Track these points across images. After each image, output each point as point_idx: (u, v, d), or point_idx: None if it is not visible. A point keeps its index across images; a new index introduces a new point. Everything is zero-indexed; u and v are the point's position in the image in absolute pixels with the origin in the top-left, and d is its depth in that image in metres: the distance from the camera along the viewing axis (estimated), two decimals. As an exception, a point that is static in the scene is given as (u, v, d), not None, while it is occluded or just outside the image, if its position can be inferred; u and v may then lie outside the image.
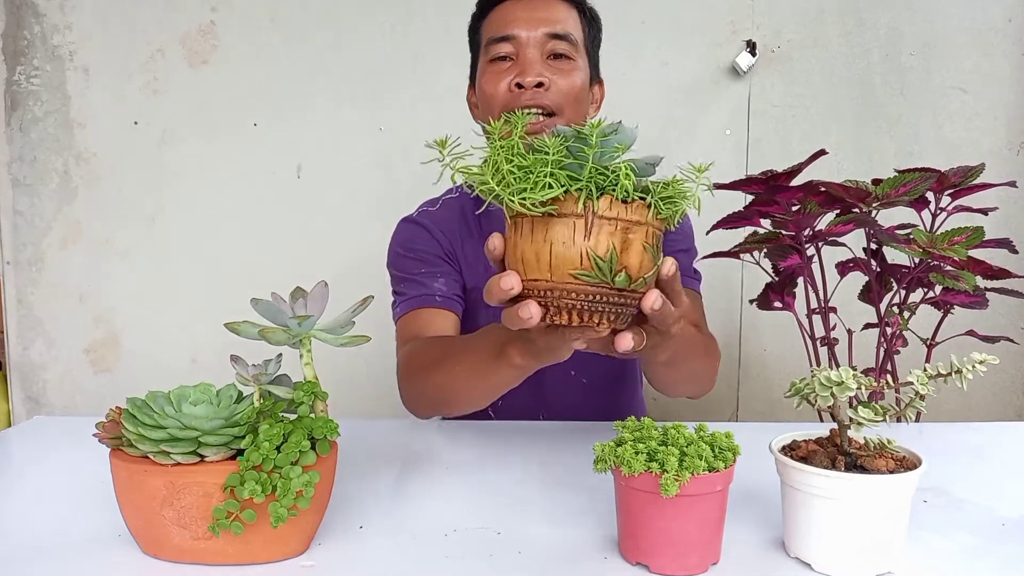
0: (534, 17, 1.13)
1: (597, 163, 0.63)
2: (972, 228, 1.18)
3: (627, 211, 0.64)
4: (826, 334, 1.29)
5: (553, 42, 1.13)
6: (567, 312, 0.65)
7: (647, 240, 0.65)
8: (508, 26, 1.14)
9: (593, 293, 0.64)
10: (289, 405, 0.72)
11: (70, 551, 0.73)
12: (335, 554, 0.72)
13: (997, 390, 2.03)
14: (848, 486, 0.66)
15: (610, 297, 0.65)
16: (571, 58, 1.14)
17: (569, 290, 0.64)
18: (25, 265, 2.04)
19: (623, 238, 0.63)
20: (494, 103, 1.14)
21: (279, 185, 2.01)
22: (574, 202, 0.63)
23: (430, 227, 1.24)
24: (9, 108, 2.00)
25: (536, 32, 1.12)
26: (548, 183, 0.62)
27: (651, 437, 0.70)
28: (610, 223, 0.63)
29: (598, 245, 0.63)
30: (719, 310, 2.01)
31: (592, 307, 0.65)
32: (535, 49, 1.12)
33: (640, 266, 0.64)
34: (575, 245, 0.63)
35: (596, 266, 0.63)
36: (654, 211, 0.65)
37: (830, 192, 1.16)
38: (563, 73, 1.13)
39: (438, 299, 1.16)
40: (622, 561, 0.70)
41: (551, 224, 0.64)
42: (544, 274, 0.65)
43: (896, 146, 1.95)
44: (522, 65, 1.12)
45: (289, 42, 1.98)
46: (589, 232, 0.63)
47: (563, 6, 1.16)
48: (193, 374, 1.82)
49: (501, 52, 1.14)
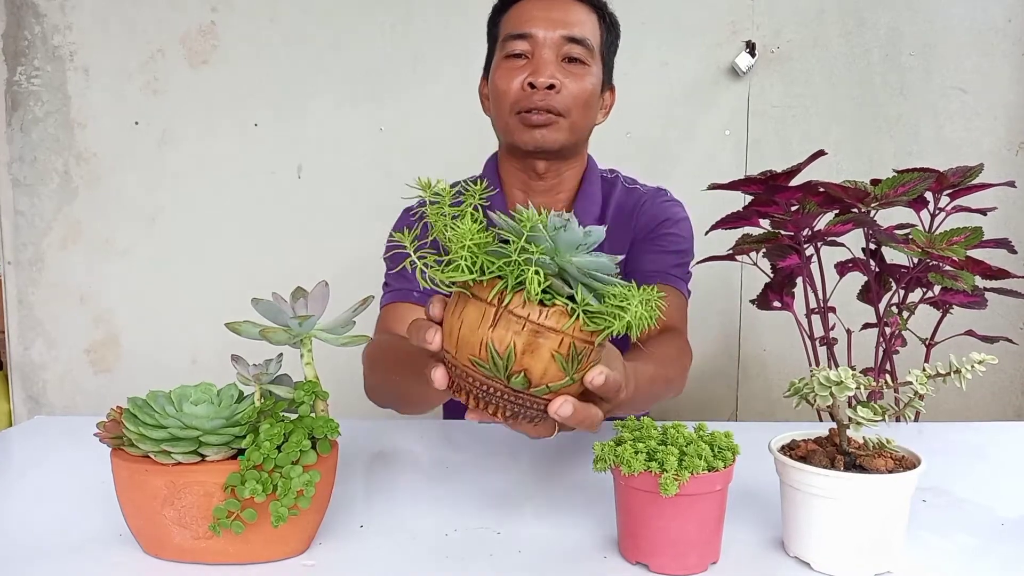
0: (553, 18, 1.13)
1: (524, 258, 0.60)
2: (971, 228, 1.18)
3: (541, 314, 0.60)
4: (825, 334, 1.29)
5: (569, 45, 1.13)
6: (465, 393, 0.64)
7: (559, 349, 0.60)
8: (526, 24, 1.14)
9: (488, 385, 0.62)
10: (290, 405, 0.72)
11: (70, 551, 0.73)
12: (335, 553, 0.72)
13: (996, 390, 2.03)
14: (847, 486, 0.66)
15: (506, 394, 0.62)
16: (585, 63, 1.15)
17: (467, 373, 0.63)
18: (25, 265, 2.04)
19: (529, 340, 0.60)
20: (505, 100, 1.15)
21: (279, 185, 2.02)
22: (489, 288, 0.61)
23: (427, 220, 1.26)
24: (10, 108, 2.00)
25: (554, 33, 1.13)
26: (460, 265, 0.61)
27: (650, 436, 0.70)
28: (518, 321, 0.60)
29: (500, 340, 0.60)
30: (719, 310, 2.01)
31: (488, 397, 0.63)
32: (551, 50, 1.13)
33: (544, 374, 0.61)
34: (479, 332, 0.61)
35: (492, 360, 0.60)
36: (576, 322, 0.60)
37: (829, 192, 1.16)
38: (576, 77, 1.14)
39: (415, 295, 1.19)
40: (622, 560, 0.71)
41: (467, 304, 0.62)
42: (452, 348, 0.63)
43: (896, 146, 1.95)
44: (536, 65, 1.13)
45: (289, 42, 1.98)
46: (495, 323, 0.60)
47: (584, 9, 1.16)
48: (193, 374, 1.82)
49: (517, 49, 1.14)
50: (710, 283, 1.87)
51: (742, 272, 1.97)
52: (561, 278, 0.61)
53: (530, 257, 0.59)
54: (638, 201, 1.26)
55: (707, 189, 1.27)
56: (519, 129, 1.15)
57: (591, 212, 1.23)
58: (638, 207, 1.25)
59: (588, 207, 1.23)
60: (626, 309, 0.61)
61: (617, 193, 1.27)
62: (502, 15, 1.19)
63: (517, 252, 0.60)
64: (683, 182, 1.91)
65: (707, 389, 2.05)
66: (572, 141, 1.17)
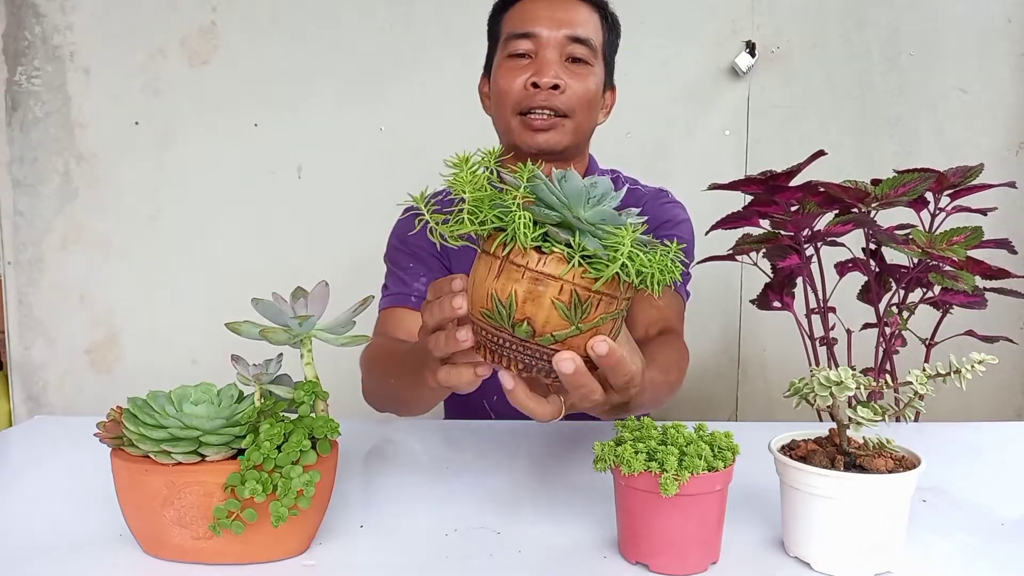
0: (557, 17, 1.13)
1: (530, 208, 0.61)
2: (971, 228, 1.18)
3: (539, 262, 0.60)
4: (825, 334, 1.29)
5: (572, 45, 1.13)
6: (481, 347, 0.65)
7: (559, 297, 0.60)
8: (530, 23, 1.14)
9: (498, 336, 0.63)
10: (290, 405, 0.72)
11: (70, 551, 0.73)
12: (336, 553, 0.72)
13: (997, 390, 2.03)
14: (847, 486, 0.66)
15: (514, 345, 0.63)
16: (588, 63, 1.15)
17: (480, 327, 0.64)
18: (26, 265, 2.04)
19: (529, 288, 0.60)
20: (507, 99, 1.14)
21: (279, 185, 2.02)
22: (493, 240, 0.62)
23: None
24: (10, 108, 2.00)
25: (557, 33, 1.12)
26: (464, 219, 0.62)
27: (651, 436, 0.70)
28: (517, 270, 0.61)
29: (502, 290, 0.61)
30: (719, 310, 2.01)
31: (500, 350, 0.64)
32: (554, 50, 1.13)
33: (547, 322, 0.61)
34: (486, 283, 0.62)
35: (496, 310, 0.61)
36: (574, 269, 0.60)
37: (829, 192, 1.16)
38: (579, 77, 1.13)
39: (413, 300, 1.19)
40: (622, 560, 0.71)
41: (480, 259, 0.64)
42: (470, 303, 0.65)
43: (896, 146, 1.95)
44: (540, 65, 1.12)
45: (289, 42, 1.98)
46: (499, 274, 0.61)
47: (586, 9, 1.16)
48: (193, 374, 1.82)
49: (520, 49, 1.14)
50: (710, 283, 1.87)
51: (742, 272, 1.97)
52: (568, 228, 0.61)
53: (519, 202, 0.60)
54: (639, 202, 1.26)
55: (707, 189, 1.27)
56: (521, 131, 1.14)
57: None
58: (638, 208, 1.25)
59: None
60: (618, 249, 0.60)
61: None
62: (504, 13, 1.19)
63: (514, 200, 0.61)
64: (683, 182, 1.91)
65: (707, 389, 2.05)
66: (575, 142, 1.17)
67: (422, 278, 1.21)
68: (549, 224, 0.61)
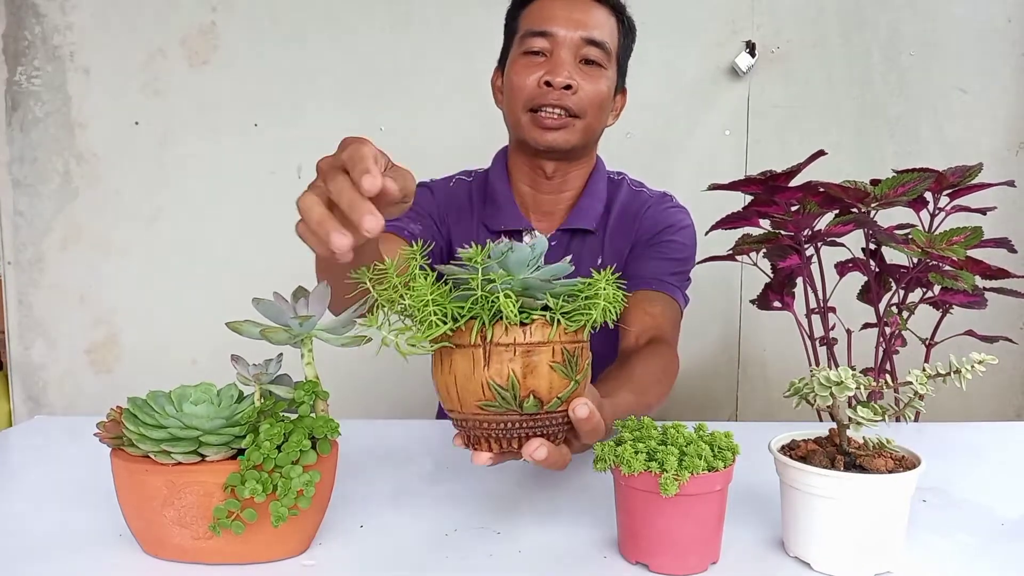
0: (574, 18, 1.14)
1: (489, 289, 0.61)
2: (971, 228, 1.18)
3: (525, 334, 0.61)
4: (825, 334, 1.29)
5: (587, 47, 1.14)
6: (485, 440, 0.64)
7: (554, 359, 0.62)
8: (547, 22, 1.14)
9: (505, 421, 0.63)
10: (290, 405, 0.72)
11: (70, 551, 0.73)
12: (335, 553, 0.72)
13: (997, 390, 2.03)
14: (847, 486, 0.66)
15: (524, 423, 0.63)
16: (602, 66, 1.16)
17: (480, 420, 0.63)
18: (26, 265, 2.04)
19: (525, 362, 0.61)
20: (519, 95, 1.15)
21: (279, 185, 2.01)
22: (469, 332, 0.61)
23: (435, 191, 1.29)
24: (10, 108, 2.00)
25: (574, 33, 1.13)
26: (433, 321, 0.61)
27: (650, 436, 0.70)
28: (507, 349, 0.61)
29: (499, 374, 0.61)
30: (719, 310, 2.01)
31: (509, 434, 0.63)
32: (569, 51, 1.14)
33: (551, 387, 0.62)
34: (475, 376, 0.61)
35: (499, 396, 0.61)
36: (559, 328, 0.62)
37: (829, 192, 1.16)
38: (591, 79, 1.14)
39: (406, 233, 1.20)
40: (622, 560, 0.71)
41: (453, 355, 0.63)
42: (456, 405, 0.64)
43: (896, 146, 1.95)
44: (554, 64, 1.13)
45: (289, 42, 1.98)
46: (488, 362, 0.61)
47: (604, 12, 1.17)
48: (193, 374, 1.81)
49: (535, 47, 1.15)
50: (710, 283, 1.87)
51: (742, 272, 1.97)
52: (527, 296, 0.63)
53: (495, 286, 0.60)
54: (642, 205, 1.26)
55: (707, 189, 1.27)
56: (531, 127, 1.15)
57: (594, 210, 1.24)
58: (641, 211, 1.25)
59: (592, 204, 1.24)
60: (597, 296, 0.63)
61: (622, 195, 1.27)
62: (522, 9, 1.20)
63: (480, 285, 0.61)
64: (683, 182, 1.91)
65: (707, 389, 2.05)
66: (583, 142, 1.18)
67: (418, 224, 1.22)
68: (519, 295, 0.61)
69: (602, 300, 0.63)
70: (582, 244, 1.24)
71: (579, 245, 1.24)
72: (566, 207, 1.25)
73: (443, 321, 0.61)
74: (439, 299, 0.62)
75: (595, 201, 1.24)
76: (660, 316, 1.15)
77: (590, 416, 0.65)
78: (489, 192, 1.27)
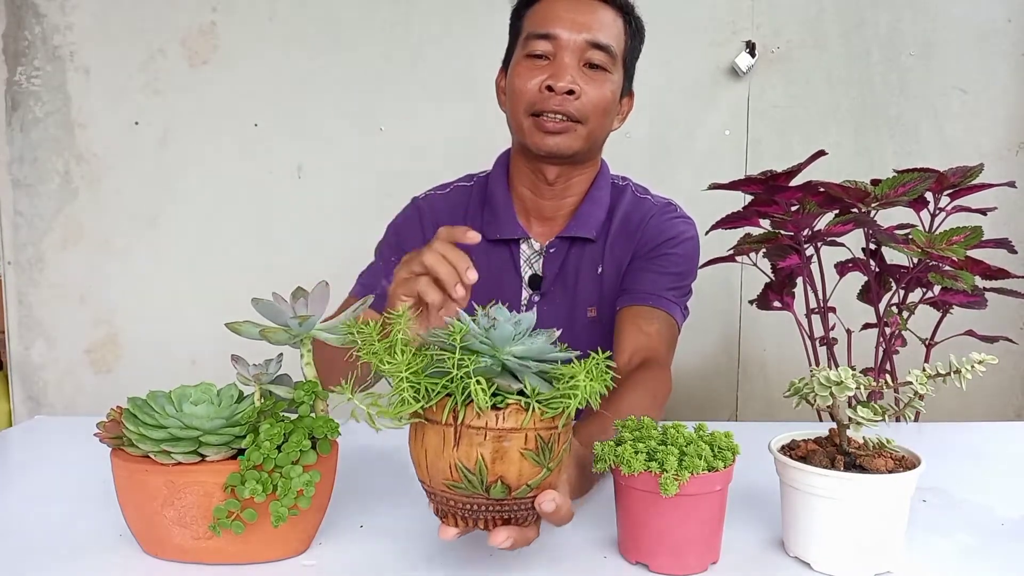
0: (579, 21, 1.11)
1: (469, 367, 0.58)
2: (970, 228, 1.17)
3: (498, 419, 0.59)
4: (825, 334, 1.29)
5: (592, 51, 1.11)
6: (452, 516, 0.63)
7: (526, 447, 0.60)
8: (551, 24, 1.12)
9: (470, 503, 0.61)
10: (290, 405, 0.72)
11: (70, 551, 0.73)
12: (336, 553, 0.72)
13: (997, 390, 2.03)
14: (847, 486, 0.66)
15: (490, 506, 0.61)
16: (607, 70, 1.13)
17: (447, 497, 0.62)
18: (26, 265, 2.04)
19: (495, 447, 0.59)
20: (521, 99, 1.13)
21: (279, 185, 2.01)
22: (441, 409, 0.60)
23: (424, 217, 1.27)
24: (10, 108, 2.00)
25: (578, 36, 1.11)
26: (404, 398, 0.59)
27: (650, 437, 0.70)
28: (478, 433, 0.59)
29: (467, 457, 0.59)
30: (719, 310, 2.01)
31: (474, 514, 0.62)
32: (573, 55, 1.11)
33: (520, 474, 0.60)
34: (444, 455, 0.60)
35: (466, 479, 0.59)
36: (534, 415, 0.59)
37: (829, 192, 1.16)
38: (595, 83, 1.12)
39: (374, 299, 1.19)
40: (622, 561, 0.71)
41: (425, 429, 0.61)
42: (425, 477, 0.63)
43: (896, 146, 1.95)
44: (556, 68, 1.11)
45: (289, 42, 1.98)
46: (457, 442, 0.59)
47: (610, 13, 1.14)
48: (193, 374, 1.82)
49: (538, 50, 1.12)
50: (710, 283, 1.86)
51: (742, 272, 1.97)
52: (508, 372, 0.61)
53: (468, 370, 0.58)
54: (645, 214, 1.23)
55: (707, 189, 1.27)
56: (533, 132, 1.13)
57: (596, 218, 1.21)
58: (644, 221, 1.23)
59: (594, 212, 1.21)
60: (576, 387, 0.60)
61: (625, 202, 1.24)
62: (527, 9, 1.17)
63: (456, 365, 0.59)
64: (683, 182, 1.92)
65: (707, 389, 2.05)
66: (586, 148, 1.15)
67: None
68: (495, 377, 0.60)
69: (582, 393, 0.60)
70: (582, 252, 1.22)
71: (579, 253, 1.22)
72: (567, 213, 1.23)
73: (415, 399, 0.60)
74: (414, 376, 0.60)
75: (597, 208, 1.21)
76: (655, 335, 1.12)
77: (556, 511, 0.63)
78: (488, 198, 1.25)
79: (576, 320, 1.22)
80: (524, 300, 1.23)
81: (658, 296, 1.16)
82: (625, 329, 1.13)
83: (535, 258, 1.22)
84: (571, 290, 1.22)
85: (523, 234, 1.22)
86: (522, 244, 1.23)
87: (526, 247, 1.23)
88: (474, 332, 0.61)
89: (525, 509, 0.63)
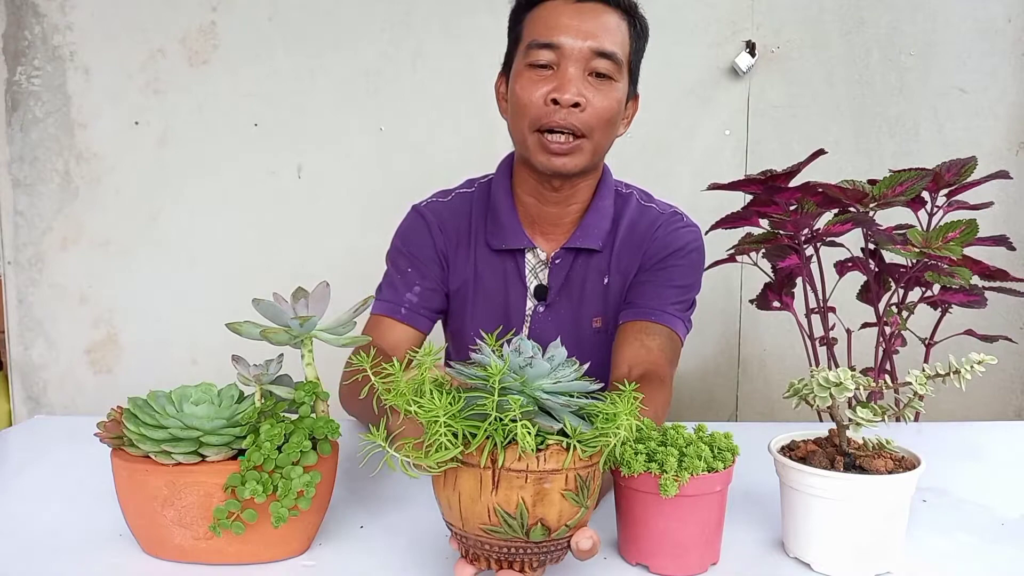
0: (584, 28, 1.07)
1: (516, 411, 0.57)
2: (966, 221, 1.16)
3: (539, 461, 0.57)
4: (825, 334, 1.29)
5: (597, 60, 1.07)
6: (485, 559, 0.62)
7: (567, 487, 0.58)
8: (554, 32, 1.07)
9: (508, 546, 0.60)
10: (290, 405, 0.72)
11: (70, 551, 0.73)
12: (336, 554, 0.73)
13: (996, 390, 2.03)
14: (847, 486, 0.66)
15: (528, 548, 0.60)
16: (612, 78, 1.09)
17: (483, 541, 0.60)
18: (26, 265, 2.04)
19: (536, 490, 0.57)
20: (525, 113, 1.08)
21: (279, 185, 2.01)
22: (479, 453, 0.58)
23: (431, 223, 1.23)
24: (10, 108, 2.00)
25: (583, 45, 1.06)
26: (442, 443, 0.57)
27: (650, 438, 0.70)
28: (519, 476, 0.57)
29: (507, 502, 0.57)
30: (719, 310, 2.01)
31: (511, 557, 0.60)
32: (577, 65, 1.06)
33: (560, 515, 0.59)
34: (482, 499, 0.58)
35: (506, 523, 0.58)
36: (574, 455, 0.58)
37: (827, 192, 1.16)
38: (601, 93, 1.08)
39: (403, 311, 1.17)
40: (622, 561, 0.71)
41: (460, 473, 0.59)
42: (458, 522, 0.61)
43: (896, 146, 1.95)
44: (561, 79, 1.06)
45: (289, 42, 1.98)
46: (496, 486, 0.57)
47: (615, 17, 1.10)
48: (193, 374, 1.82)
49: (542, 60, 1.08)
50: (710, 283, 1.85)
51: (742, 272, 1.97)
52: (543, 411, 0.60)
53: (516, 414, 0.57)
54: (652, 224, 1.21)
55: (707, 189, 1.27)
56: (538, 151, 1.09)
57: (600, 228, 1.19)
58: (650, 231, 1.20)
59: (598, 222, 1.19)
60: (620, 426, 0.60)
61: (630, 211, 1.22)
62: (526, 13, 1.12)
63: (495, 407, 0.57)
64: (683, 182, 1.92)
65: (707, 389, 2.05)
66: (592, 163, 1.13)
67: (415, 287, 1.19)
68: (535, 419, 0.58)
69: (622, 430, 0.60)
70: (587, 263, 1.20)
71: (584, 263, 1.20)
72: (572, 220, 1.20)
73: (452, 444, 0.58)
74: (450, 419, 0.58)
75: (601, 218, 1.19)
76: (657, 350, 1.11)
77: (592, 549, 0.62)
78: (492, 206, 1.22)
79: (581, 330, 1.21)
80: (529, 310, 1.21)
81: (661, 311, 1.15)
82: (626, 342, 1.12)
83: (540, 268, 1.21)
84: (576, 300, 1.21)
85: (528, 244, 1.19)
86: (527, 254, 1.20)
87: (531, 257, 1.20)
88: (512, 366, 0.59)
89: (559, 549, 0.62)
